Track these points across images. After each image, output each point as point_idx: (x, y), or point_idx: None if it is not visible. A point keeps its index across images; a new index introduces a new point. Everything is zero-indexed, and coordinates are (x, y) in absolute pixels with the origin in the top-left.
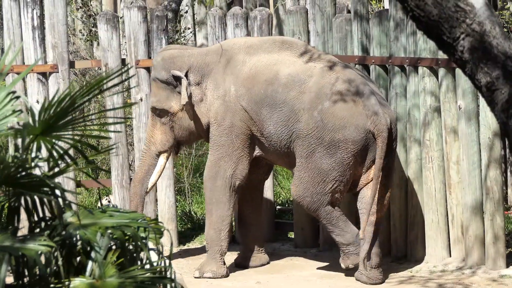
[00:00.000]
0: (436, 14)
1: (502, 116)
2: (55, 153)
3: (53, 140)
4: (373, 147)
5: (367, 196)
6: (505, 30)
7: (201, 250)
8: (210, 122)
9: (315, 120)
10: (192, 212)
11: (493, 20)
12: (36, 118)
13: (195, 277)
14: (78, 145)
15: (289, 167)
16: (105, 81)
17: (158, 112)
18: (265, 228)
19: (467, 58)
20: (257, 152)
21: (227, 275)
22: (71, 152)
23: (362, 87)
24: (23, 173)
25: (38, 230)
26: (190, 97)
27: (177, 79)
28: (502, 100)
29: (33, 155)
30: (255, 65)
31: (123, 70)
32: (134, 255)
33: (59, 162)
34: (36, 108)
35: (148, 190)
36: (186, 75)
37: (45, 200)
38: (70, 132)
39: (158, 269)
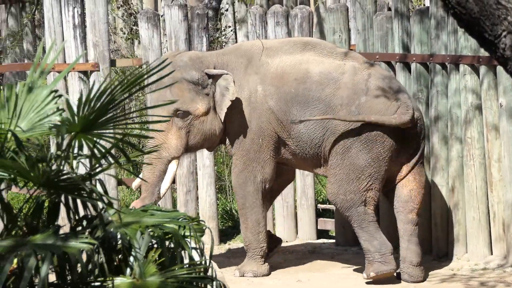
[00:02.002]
0: (478, 11)
1: None
2: (96, 152)
3: (95, 139)
4: (405, 142)
5: (403, 194)
6: None
7: (242, 248)
8: (233, 125)
9: (353, 114)
10: (233, 210)
11: None
12: (75, 113)
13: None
14: (120, 144)
15: (312, 169)
16: (144, 77)
17: (181, 115)
18: (307, 226)
19: (509, 56)
20: (281, 155)
21: (268, 274)
22: (113, 149)
23: (394, 82)
24: (63, 177)
25: (79, 228)
26: (213, 97)
27: (213, 77)
28: None
29: (75, 153)
30: (280, 65)
31: (161, 66)
32: (175, 254)
33: (101, 161)
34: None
35: (161, 196)
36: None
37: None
38: (111, 131)
39: (199, 268)
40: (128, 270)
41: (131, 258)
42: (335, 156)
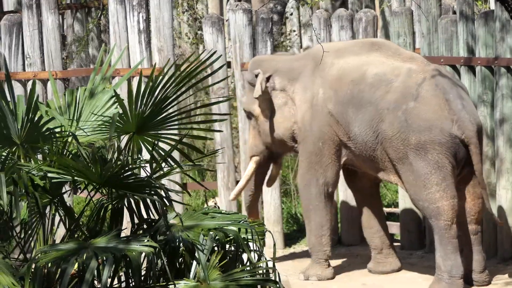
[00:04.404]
0: None
1: None
2: (156, 155)
3: (152, 140)
4: (461, 154)
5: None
6: None
7: (307, 252)
8: (297, 127)
9: (399, 120)
10: (298, 214)
11: None
12: (127, 109)
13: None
14: (180, 146)
15: (375, 172)
16: (196, 72)
17: (247, 115)
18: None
19: None
20: (345, 158)
21: (332, 277)
22: (176, 154)
23: (449, 90)
24: (127, 174)
25: (141, 231)
26: (267, 98)
27: (256, 77)
28: None
29: (134, 156)
30: (343, 67)
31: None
32: (237, 256)
33: (163, 165)
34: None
35: (232, 197)
36: (269, 78)
37: (148, 201)
38: (169, 132)
39: (261, 272)
40: (192, 273)
41: (193, 261)
42: (395, 163)
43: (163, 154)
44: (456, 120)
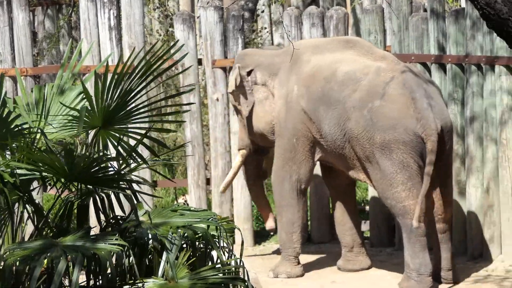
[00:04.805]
0: (506, 12)
1: None
2: (121, 150)
3: (118, 135)
4: (425, 152)
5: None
6: None
7: (277, 250)
8: (274, 122)
9: (365, 119)
10: None
11: None
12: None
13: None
14: (151, 143)
15: (346, 170)
16: (156, 65)
17: (234, 109)
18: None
19: None
20: (319, 155)
21: (302, 275)
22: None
23: (416, 88)
24: (96, 168)
25: (109, 229)
26: (242, 92)
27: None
28: None
29: (99, 150)
30: (317, 64)
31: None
32: (206, 254)
33: (128, 159)
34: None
35: (221, 190)
36: (250, 72)
37: (119, 196)
38: (134, 125)
39: (230, 270)
40: (160, 271)
41: (162, 259)
42: (363, 161)
43: (128, 149)
44: (420, 119)
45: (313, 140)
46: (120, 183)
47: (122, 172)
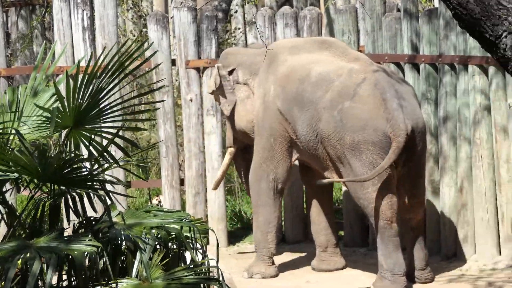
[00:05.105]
0: (479, 12)
1: None
2: (93, 150)
3: (90, 135)
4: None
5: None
6: None
7: (251, 250)
8: (254, 121)
9: (335, 119)
10: (242, 212)
11: None
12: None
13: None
14: (124, 144)
15: (322, 170)
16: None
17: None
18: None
19: (510, 56)
20: (296, 155)
21: (276, 275)
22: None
23: (387, 89)
24: (70, 169)
25: (83, 230)
26: (222, 92)
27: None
28: None
29: (71, 150)
30: (292, 65)
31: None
32: (179, 255)
33: (100, 160)
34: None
35: (213, 188)
36: (232, 71)
37: (90, 197)
38: (106, 125)
39: (203, 270)
40: (134, 271)
41: (136, 260)
42: (334, 162)
43: (100, 149)
44: (390, 119)
45: (290, 140)
46: (93, 183)
47: (95, 172)
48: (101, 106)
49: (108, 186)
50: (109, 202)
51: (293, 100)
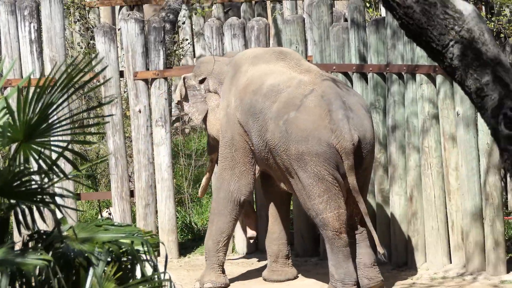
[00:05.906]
0: (425, 21)
1: (492, 122)
2: (42, 164)
3: (39, 149)
4: (341, 163)
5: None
6: (502, 35)
7: (202, 261)
8: (221, 133)
9: (280, 130)
10: (193, 223)
11: (481, 27)
12: (16, 117)
13: None
14: (73, 157)
15: (277, 180)
16: (76, 79)
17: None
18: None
19: (457, 65)
20: (259, 167)
21: (227, 285)
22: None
23: (333, 100)
24: (19, 182)
25: (33, 243)
26: (186, 100)
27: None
28: (492, 106)
29: (21, 164)
30: (251, 76)
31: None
32: (132, 269)
33: (50, 173)
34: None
35: (199, 195)
36: (203, 81)
37: (40, 211)
38: (55, 138)
39: (155, 283)
40: (87, 286)
41: (89, 274)
42: (285, 172)
43: (49, 162)
44: (335, 130)
45: (251, 151)
46: (43, 196)
47: (45, 185)
48: (51, 120)
49: (58, 199)
50: (59, 215)
51: (248, 112)
